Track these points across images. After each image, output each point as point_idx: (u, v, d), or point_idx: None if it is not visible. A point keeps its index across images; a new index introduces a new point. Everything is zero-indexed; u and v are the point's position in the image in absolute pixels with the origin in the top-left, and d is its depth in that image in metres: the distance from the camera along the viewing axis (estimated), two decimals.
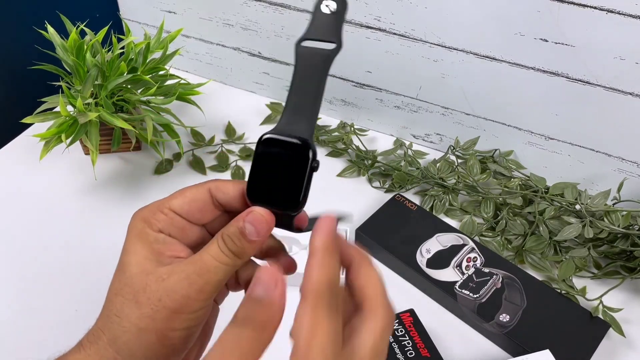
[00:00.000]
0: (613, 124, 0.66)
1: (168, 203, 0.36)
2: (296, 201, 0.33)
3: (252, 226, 0.32)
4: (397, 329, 0.56)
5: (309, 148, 0.32)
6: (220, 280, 0.32)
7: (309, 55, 0.35)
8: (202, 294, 0.32)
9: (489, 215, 0.70)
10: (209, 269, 0.32)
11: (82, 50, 0.68)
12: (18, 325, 0.60)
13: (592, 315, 0.59)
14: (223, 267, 0.32)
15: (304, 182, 0.32)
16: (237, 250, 0.32)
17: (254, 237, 0.32)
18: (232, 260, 0.33)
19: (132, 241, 0.35)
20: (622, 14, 0.58)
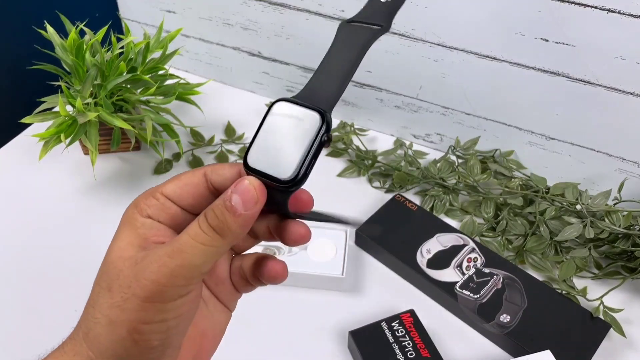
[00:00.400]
0: (614, 124, 0.66)
1: (162, 188, 0.32)
2: (289, 173, 0.28)
3: (238, 196, 0.28)
4: (397, 330, 0.56)
5: (323, 118, 0.28)
6: (198, 264, 0.28)
7: (350, 30, 0.32)
8: (174, 278, 0.27)
9: (490, 216, 0.70)
10: (183, 248, 0.28)
11: (82, 50, 0.68)
12: (17, 325, 0.59)
13: (593, 316, 0.59)
14: (200, 247, 0.28)
15: (307, 153, 0.28)
16: (219, 225, 0.28)
17: (239, 209, 0.28)
18: (212, 239, 0.28)
19: (120, 228, 0.32)
20: (623, 14, 0.58)
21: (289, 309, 0.62)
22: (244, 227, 0.29)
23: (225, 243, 0.29)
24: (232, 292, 0.35)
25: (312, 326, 0.60)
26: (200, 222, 0.29)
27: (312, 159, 0.28)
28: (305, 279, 0.63)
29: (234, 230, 0.28)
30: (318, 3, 0.74)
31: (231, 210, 0.28)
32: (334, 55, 0.31)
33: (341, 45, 0.32)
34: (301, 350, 0.58)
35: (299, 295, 0.63)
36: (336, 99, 0.29)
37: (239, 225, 0.28)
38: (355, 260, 0.67)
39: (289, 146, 0.28)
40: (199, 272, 0.28)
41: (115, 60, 0.68)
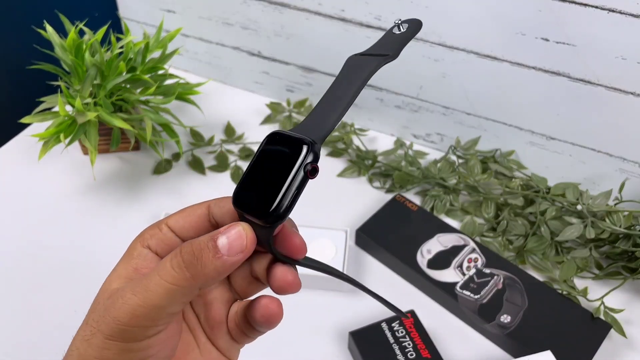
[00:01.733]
0: (614, 124, 0.66)
1: (168, 218, 0.31)
2: (267, 209, 0.26)
3: (226, 239, 0.26)
4: (397, 330, 0.56)
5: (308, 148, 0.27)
6: (162, 305, 0.26)
7: (355, 61, 0.31)
8: (136, 318, 0.25)
9: (490, 216, 0.70)
10: (147, 286, 0.26)
11: (81, 49, 0.67)
12: (16, 326, 0.59)
13: (594, 316, 0.58)
14: (166, 285, 0.25)
15: (286, 185, 0.26)
16: (192, 263, 0.26)
17: (223, 251, 0.26)
18: (180, 278, 0.26)
19: (121, 258, 0.30)
20: (624, 14, 0.58)
21: (289, 309, 0.62)
22: (219, 273, 0.26)
23: (194, 284, 0.26)
24: (229, 340, 0.32)
25: (312, 326, 0.60)
26: (172, 257, 0.26)
27: (294, 191, 0.26)
28: (306, 279, 0.62)
29: (208, 273, 0.26)
30: (318, 3, 0.74)
31: (213, 250, 0.26)
32: (337, 87, 0.31)
33: (344, 77, 0.31)
34: (301, 350, 0.58)
35: (299, 296, 0.62)
36: (329, 130, 0.28)
37: (214, 268, 0.26)
38: (355, 261, 0.67)
39: (272, 179, 0.27)
40: (165, 312, 0.26)
41: (115, 60, 0.68)
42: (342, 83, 0.31)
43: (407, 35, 0.32)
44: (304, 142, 0.27)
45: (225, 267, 0.26)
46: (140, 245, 0.30)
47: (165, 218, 0.31)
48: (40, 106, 0.68)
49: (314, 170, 0.27)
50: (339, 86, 0.30)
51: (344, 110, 0.29)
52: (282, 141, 0.28)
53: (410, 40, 0.32)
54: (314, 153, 0.27)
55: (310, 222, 0.68)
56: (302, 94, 0.86)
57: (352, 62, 0.32)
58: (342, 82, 0.31)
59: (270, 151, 0.28)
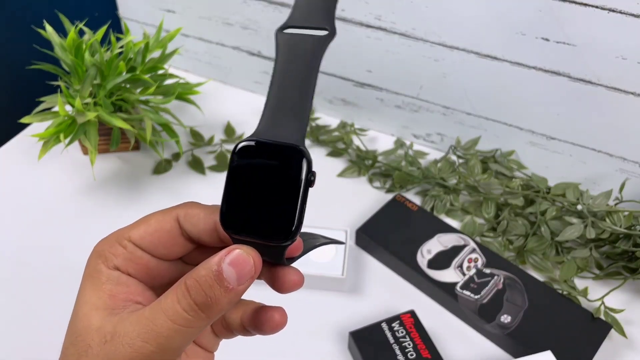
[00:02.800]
0: (615, 124, 0.66)
1: (129, 232, 0.28)
2: (289, 229, 0.25)
3: (232, 269, 0.24)
4: (397, 330, 0.56)
5: (303, 157, 0.25)
6: (177, 347, 0.25)
7: (295, 42, 0.28)
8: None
9: (490, 216, 0.70)
10: (160, 332, 0.24)
11: (81, 49, 0.67)
12: (16, 326, 0.59)
13: (594, 316, 0.58)
14: (182, 330, 0.24)
15: (298, 203, 0.25)
16: (205, 303, 0.24)
17: (233, 283, 0.24)
18: (196, 320, 0.24)
19: (83, 284, 0.28)
20: (624, 13, 0.58)
21: (289, 310, 0.62)
22: (233, 302, 0.25)
23: (209, 322, 0.25)
24: (212, 338, 0.31)
25: (312, 326, 0.60)
26: (180, 298, 0.24)
27: (301, 204, 0.25)
28: (306, 279, 0.62)
29: (223, 307, 0.25)
30: None
31: (222, 285, 0.24)
32: (285, 75, 0.27)
33: (289, 61, 0.27)
34: (301, 350, 0.58)
35: (299, 296, 0.62)
36: (303, 128, 0.26)
37: (229, 301, 0.25)
38: (356, 261, 0.67)
39: (274, 198, 0.25)
40: (179, 352, 0.25)
41: (115, 59, 0.68)
42: (292, 69, 0.27)
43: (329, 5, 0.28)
44: (295, 149, 0.25)
45: (238, 296, 0.25)
46: (106, 267, 0.28)
47: (125, 231, 0.28)
48: (40, 106, 0.68)
49: (314, 178, 0.25)
50: (290, 73, 0.27)
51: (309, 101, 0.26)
52: (263, 153, 0.25)
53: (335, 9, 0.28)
54: (308, 160, 0.25)
55: (310, 222, 0.67)
56: None
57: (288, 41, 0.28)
58: (290, 67, 0.27)
59: (252, 167, 0.25)
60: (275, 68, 0.28)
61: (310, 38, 0.28)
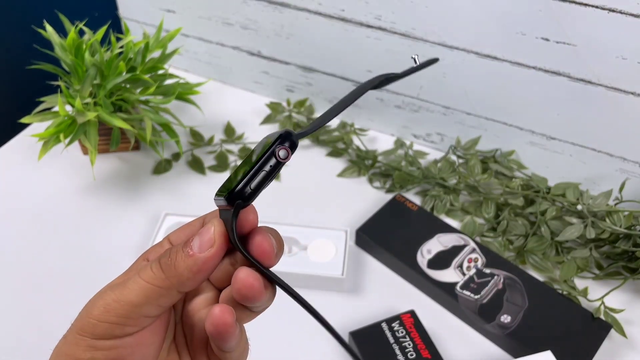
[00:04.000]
0: (615, 124, 0.66)
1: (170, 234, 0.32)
2: (235, 188, 0.26)
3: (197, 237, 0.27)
4: (397, 330, 0.56)
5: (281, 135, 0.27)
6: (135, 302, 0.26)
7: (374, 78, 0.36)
8: (107, 313, 0.26)
9: (490, 216, 0.70)
10: (126, 284, 0.26)
11: (81, 49, 0.67)
12: (16, 326, 0.59)
13: (594, 316, 0.58)
14: (142, 283, 0.26)
15: (253, 168, 0.26)
16: (166, 263, 0.27)
17: (194, 249, 0.26)
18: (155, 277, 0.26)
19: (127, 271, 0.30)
20: (624, 14, 0.58)
21: (289, 310, 0.62)
22: (193, 272, 0.26)
23: (169, 284, 0.26)
24: None
25: (312, 326, 0.60)
26: (154, 260, 0.27)
27: (262, 173, 0.26)
28: (305, 279, 0.62)
29: (181, 272, 0.26)
30: (318, 2, 0.74)
31: (185, 249, 0.26)
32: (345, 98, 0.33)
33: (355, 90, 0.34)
34: (301, 350, 0.58)
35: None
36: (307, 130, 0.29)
37: (187, 267, 0.26)
38: (356, 261, 0.67)
39: (246, 164, 0.27)
40: (137, 312, 0.26)
41: (115, 59, 0.68)
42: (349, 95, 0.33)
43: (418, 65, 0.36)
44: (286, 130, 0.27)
45: (197, 265, 0.26)
46: (142, 259, 0.31)
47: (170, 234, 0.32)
48: (40, 106, 0.68)
49: (286, 154, 0.27)
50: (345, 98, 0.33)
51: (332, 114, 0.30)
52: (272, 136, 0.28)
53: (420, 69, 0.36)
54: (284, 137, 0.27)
55: (310, 222, 0.68)
56: (302, 93, 0.86)
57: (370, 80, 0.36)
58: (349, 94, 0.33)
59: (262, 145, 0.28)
60: None
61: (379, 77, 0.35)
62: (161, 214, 0.68)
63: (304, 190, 0.75)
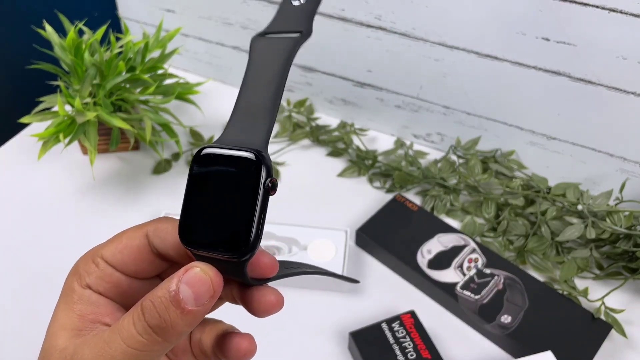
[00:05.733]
0: (615, 123, 0.66)
1: (102, 250, 0.27)
2: (246, 242, 0.23)
3: (188, 289, 0.23)
4: (397, 330, 0.56)
5: (260, 163, 0.23)
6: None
7: (267, 45, 0.27)
8: None
9: (491, 216, 0.70)
10: (113, 355, 0.23)
11: (81, 49, 0.67)
12: (15, 326, 0.59)
13: (594, 317, 0.58)
14: (137, 354, 0.23)
15: (255, 214, 0.23)
16: (160, 325, 0.23)
17: (189, 304, 0.23)
18: (151, 343, 0.23)
19: (58, 302, 0.27)
20: (624, 13, 0.58)
21: (288, 310, 0.62)
22: (192, 325, 0.23)
23: (167, 346, 0.23)
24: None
25: (312, 327, 0.60)
26: (135, 320, 0.23)
27: (260, 215, 0.23)
28: (305, 279, 0.62)
29: (180, 331, 0.23)
30: None
31: (179, 306, 0.22)
32: (254, 78, 0.26)
33: (259, 64, 0.26)
34: (301, 351, 0.58)
35: (299, 296, 0.62)
36: (268, 131, 0.24)
37: (186, 324, 0.23)
38: (356, 261, 0.66)
39: (231, 208, 0.23)
40: None
41: (114, 59, 0.68)
42: (262, 74, 0.26)
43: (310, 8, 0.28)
44: (253, 156, 0.23)
45: (196, 319, 0.23)
46: (79, 286, 0.27)
47: (99, 248, 0.28)
48: (40, 106, 0.68)
49: (273, 186, 0.23)
50: (257, 77, 0.26)
51: (276, 105, 0.25)
52: (221, 160, 0.24)
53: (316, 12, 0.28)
54: (266, 167, 0.23)
55: (310, 222, 0.68)
56: (302, 93, 0.86)
57: (260, 45, 0.27)
58: (260, 73, 0.26)
59: (212, 173, 0.24)
60: (245, 72, 0.27)
61: (283, 40, 0.27)
62: (161, 214, 0.68)
63: (304, 190, 0.75)
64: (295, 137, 0.81)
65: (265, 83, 0.26)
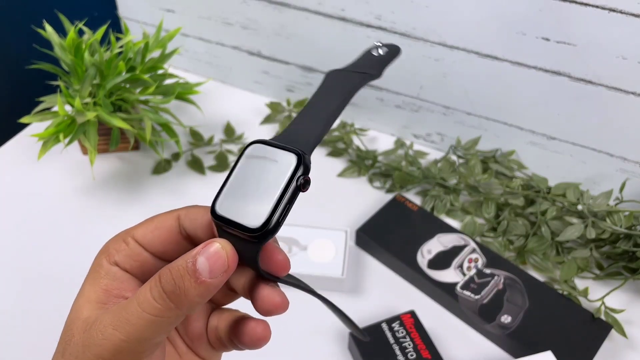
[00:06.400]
0: (615, 123, 0.66)
1: (133, 230, 0.29)
2: (265, 223, 0.25)
3: (205, 260, 0.24)
4: (397, 330, 0.56)
5: (300, 159, 0.25)
6: (147, 338, 0.24)
7: (340, 76, 0.31)
8: (119, 355, 0.24)
9: (491, 216, 0.70)
10: (129, 320, 0.24)
11: (81, 49, 0.67)
12: (15, 326, 0.59)
13: (594, 317, 0.58)
14: (149, 318, 0.24)
15: (280, 199, 0.25)
16: (174, 292, 0.24)
17: (204, 275, 0.24)
18: (164, 309, 0.24)
19: (86, 278, 0.28)
20: (624, 13, 0.58)
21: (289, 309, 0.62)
22: (204, 297, 0.25)
23: (180, 314, 0.25)
24: (211, 349, 0.31)
25: (312, 327, 0.60)
26: (152, 287, 0.25)
27: (286, 204, 0.25)
28: (305, 280, 0.62)
29: (192, 300, 0.24)
30: (318, 2, 0.74)
31: (194, 275, 0.24)
32: (319, 98, 0.29)
33: (328, 89, 0.30)
34: (301, 351, 0.58)
35: (299, 296, 0.62)
36: (317, 141, 0.27)
37: (198, 294, 0.24)
38: (356, 261, 0.66)
39: (261, 191, 0.25)
40: (149, 344, 0.25)
41: (114, 59, 0.68)
42: (325, 96, 0.29)
43: (387, 58, 0.32)
44: (296, 152, 0.26)
45: (209, 290, 0.25)
46: (107, 262, 0.28)
47: (131, 229, 0.29)
48: (40, 106, 0.68)
49: (306, 183, 0.26)
50: (322, 98, 0.29)
51: (330, 122, 0.28)
52: (269, 152, 0.26)
53: (390, 64, 0.32)
54: (305, 165, 0.25)
55: (310, 222, 0.67)
56: (302, 93, 0.86)
57: (333, 76, 0.31)
58: (325, 94, 0.30)
59: (256, 161, 0.26)
60: (315, 92, 0.30)
61: (354, 74, 0.31)
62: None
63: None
64: None
65: (328, 102, 0.29)
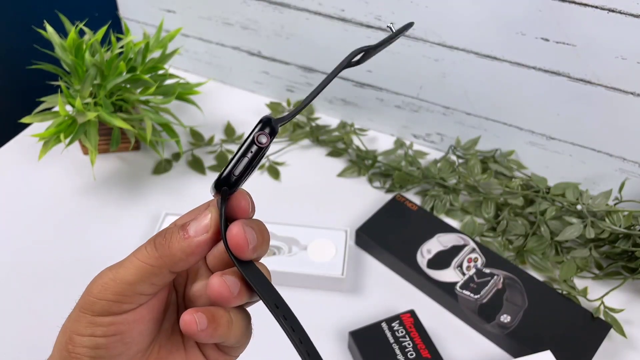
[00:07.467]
0: (614, 123, 0.66)
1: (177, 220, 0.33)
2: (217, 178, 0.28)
3: (196, 221, 0.28)
4: (397, 330, 0.56)
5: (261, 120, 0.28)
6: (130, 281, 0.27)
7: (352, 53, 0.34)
8: (105, 291, 0.27)
9: (490, 216, 0.70)
10: (122, 264, 0.28)
11: (81, 49, 0.67)
12: (16, 326, 0.59)
13: (594, 316, 0.58)
14: (137, 262, 0.28)
15: (236, 155, 0.28)
16: (161, 243, 0.28)
17: (190, 231, 0.28)
18: (149, 256, 0.28)
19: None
20: (624, 14, 0.58)
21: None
22: (186, 253, 0.28)
23: (161, 263, 0.28)
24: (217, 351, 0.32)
25: (312, 326, 0.60)
26: (149, 240, 0.29)
27: (240, 157, 0.28)
28: (305, 279, 0.62)
29: (174, 253, 0.28)
30: (318, 2, 0.74)
31: (183, 229, 0.28)
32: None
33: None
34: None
35: (299, 296, 0.62)
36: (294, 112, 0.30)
37: (180, 248, 0.27)
38: (355, 261, 0.67)
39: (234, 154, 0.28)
40: (132, 290, 0.28)
41: (115, 60, 0.68)
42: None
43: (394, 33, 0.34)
44: (263, 118, 0.28)
45: (190, 247, 0.28)
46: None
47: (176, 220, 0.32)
48: (40, 106, 0.68)
49: (260, 136, 0.28)
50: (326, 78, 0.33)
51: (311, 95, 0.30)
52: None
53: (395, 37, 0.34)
54: (264, 123, 0.28)
55: (310, 222, 0.68)
56: (302, 93, 0.86)
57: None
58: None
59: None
60: None
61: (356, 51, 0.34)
62: (161, 214, 0.68)
63: (304, 190, 0.75)
64: (295, 137, 0.81)
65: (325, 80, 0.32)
